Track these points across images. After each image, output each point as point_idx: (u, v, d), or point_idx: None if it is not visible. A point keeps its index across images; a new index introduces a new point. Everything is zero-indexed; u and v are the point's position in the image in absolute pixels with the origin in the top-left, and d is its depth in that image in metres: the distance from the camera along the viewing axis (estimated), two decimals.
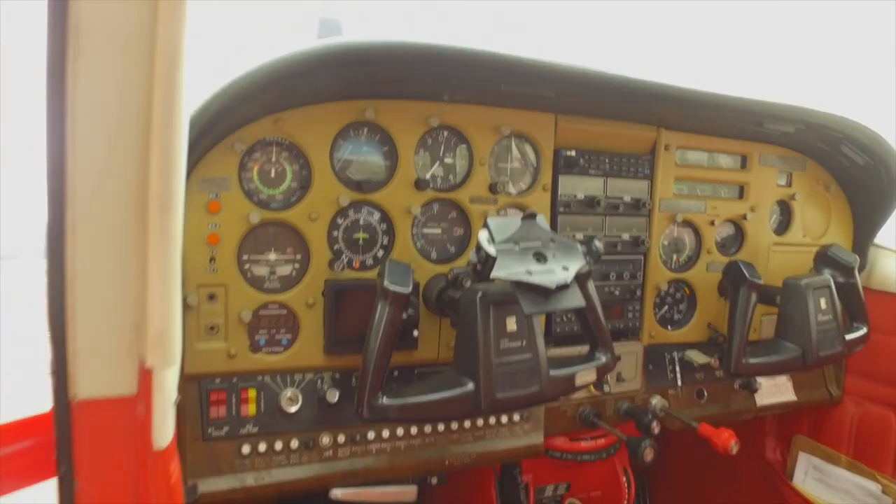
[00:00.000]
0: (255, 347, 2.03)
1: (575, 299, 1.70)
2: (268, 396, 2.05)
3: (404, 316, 1.81)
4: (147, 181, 0.96)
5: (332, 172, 2.07)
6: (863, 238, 3.09)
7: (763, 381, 2.92)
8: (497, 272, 1.64)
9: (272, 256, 2.05)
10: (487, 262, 1.61)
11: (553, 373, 1.90)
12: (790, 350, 2.46)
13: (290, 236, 2.06)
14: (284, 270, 2.07)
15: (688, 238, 2.79)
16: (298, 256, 2.08)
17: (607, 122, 2.49)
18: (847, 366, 3.13)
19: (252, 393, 2.02)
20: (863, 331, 2.67)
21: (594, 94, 2.25)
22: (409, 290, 1.77)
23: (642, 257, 2.64)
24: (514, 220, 1.79)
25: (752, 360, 2.40)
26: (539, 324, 1.91)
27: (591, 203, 2.47)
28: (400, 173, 2.16)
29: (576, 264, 1.74)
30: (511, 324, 1.84)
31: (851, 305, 2.69)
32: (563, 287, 1.65)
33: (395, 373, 2.21)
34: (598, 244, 1.82)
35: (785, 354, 2.45)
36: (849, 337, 2.57)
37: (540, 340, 1.89)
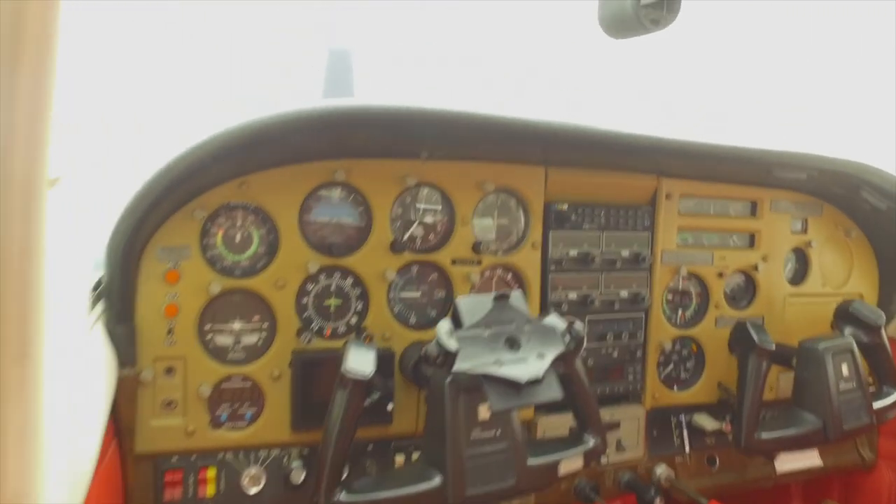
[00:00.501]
0: (216, 423, 1.90)
1: (551, 391, 1.55)
2: (229, 475, 1.92)
3: (369, 401, 1.68)
4: None
5: (301, 237, 1.95)
6: (889, 285, 2.87)
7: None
8: (460, 365, 1.49)
9: (237, 325, 1.94)
10: (448, 356, 1.48)
11: (533, 462, 1.74)
12: (809, 422, 2.25)
13: (257, 303, 1.95)
14: (250, 340, 1.96)
15: (694, 291, 2.61)
16: (265, 325, 1.96)
17: (603, 173, 2.34)
18: (880, 426, 2.89)
19: (212, 472, 1.90)
20: (894, 396, 2.44)
21: (585, 150, 2.10)
22: (369, 374, 1.63)
23: (643, 315, 2.47)
24: (486, 300, 1.64)
25: (766, 435, 2.20)
26: (515, 410, 1.75)
27: (585, 260, 2.31)
28: (374, 236, 2.03)
29: (553, 350, 1.59)
30: (484, 412, 1.68)
31: (879, 367, 2.47)
32: (538, 381, 1.50)
33: (370, 447, 2.07)
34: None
35: (803, 427, 2.24)
36: (878, 405, 2.35)
37: (516, 427, 1.73)
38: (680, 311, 2.59)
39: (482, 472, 1.66)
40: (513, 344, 1.57)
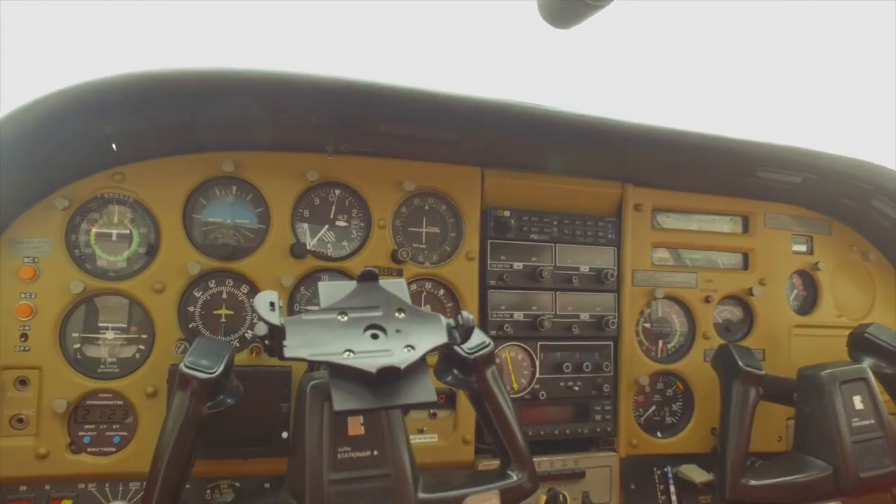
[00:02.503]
0: (77, 447, 1.64)
1: (422, 392, 1.22)
2: None
3: (215, 408, 1.38)
4: None
5: (185, 236, 1.73)
6: None
7: None
8: (291, 350, 1.19)
9: (110, 335, 1.69)
10: (276, 338, 1.17)
11: (425, 497, 1.39)
12: (815, 468, 1.81)
13: (136, 312, 1.71)
14: (126, 353, 1.71)
15: (677, 320, 2.23)
16: (144, 336, 1.71)
17: (554, 178, 2.04)
18: None
19: None
20: None
21: (512, 137, 1.83)
22: (214, 374, 1.35)
23: (611, 343, 2.10)
24: (352, 285, 1.36)
25: (756, 482, 1.76)
26: (401, 424, 1.42)
27: (533, 275, 1.99)
28: (271, 237, 1.79)
29: (428, 342, 1.27)
30: (355, 425, 1.36)
31: None
32: (396, 373, 1.18)
33: (267, 485, 1.74)
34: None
35: (807, 474, 1.79)
36: None
37: (402, 449, 1.39)
38: (661, 343, 2.21)
39: (353, 503, 1.32)
40: (378, 332, 1.27)
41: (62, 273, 1.64)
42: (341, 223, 1.89)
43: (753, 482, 1.75)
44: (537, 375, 2.00)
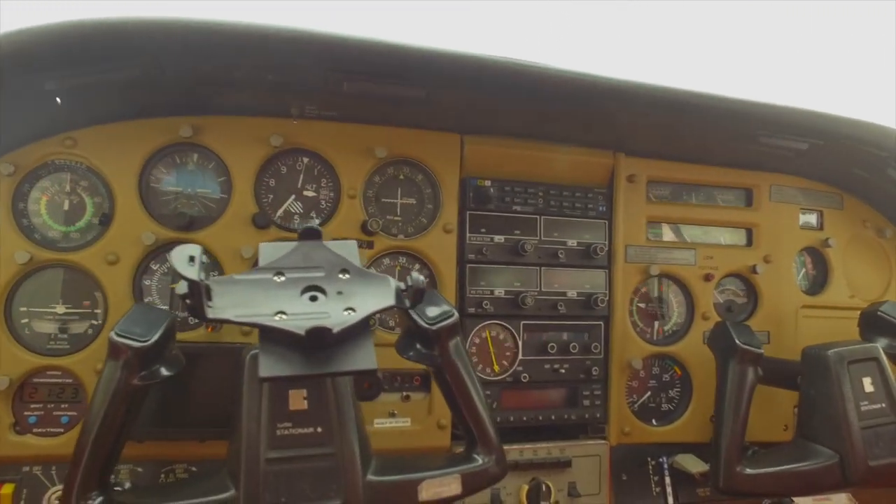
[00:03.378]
0: (22, 427, 1.55)
1: (361, 360, 1.11)
2: (31, 496, 1.54)
3: (148, 379, 1.28)
4: None
5: (142, 206, 1.63)
6: None
7: (800, 500, 2.06)
8: (215, 310, 1.08)
9: (60, 310, 1.60)
10: (193, 294, 1.06)
11: (374, 479, 1.27)
12: (819, 456, 1.66)
13: (89, 285, 1.61)
14: (77, 328, 1.61)
15: (675, 299, 2.09)
16: (98, 311, 1.62)
17: (539, 146, 1.91)
18: None
19: (7, 489, 1.52)
20: None
21: (489, 97, 1.70)
22: (146, 342, 1.24)
23: (602, 323, 1.96)
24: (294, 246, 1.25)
25: (752, 471, 1.62)
26: (350, 399, 1.31)
27: (515, 249, 1.86)
28: (233, 207, 1.68)
29: (372, 304, 1.16)
30: (297, 399, 1.25)
31: None
32: (329, 336, 1.06)
33: None
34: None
35: (810, 463, 1.64)
36: None
37: (349, 424, 1.28)
38: (657, 324, 2.07)
39: (291, 485, 1.21)
40: (316, 294, 1.15)
41: (7, 243, 1.55)
42: (309, 193, 1.78)
43: (750, 470, 1.61)
44: (520, 357, 1.87)
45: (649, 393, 2.05)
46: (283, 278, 1.16)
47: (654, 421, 2.03)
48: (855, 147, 1.95)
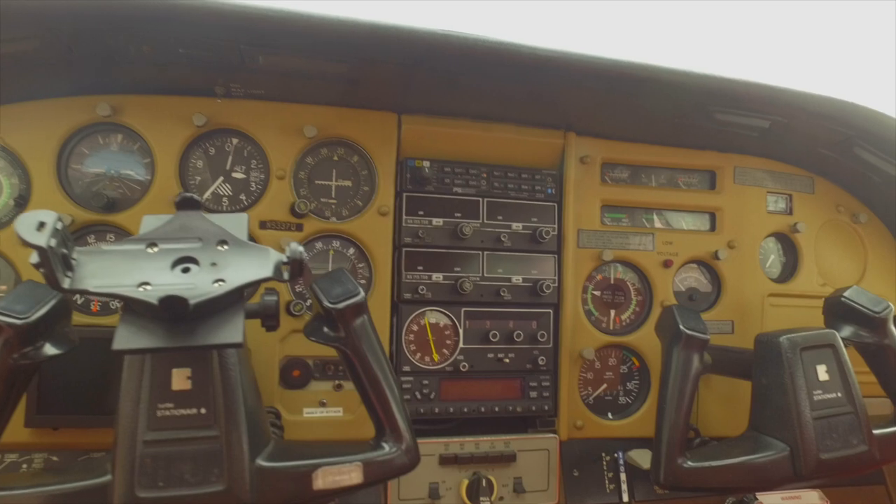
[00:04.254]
0: None
1: (226, 333, 1.04)
2: None
3: (36, 359, 1.22)
4: None
5: (60, 187, 1.58)
6: None
7: (769, 499, 1.95)
8: (74, 281, 1.02)
9: None
10: (44, 263, 1.00)
11: (265, 464, 1.19)
12: (769, 449, 1.54)
13: (3, 268, 1.57)
14: None
15: (633, 287, 1.99)
16: None
17: (484, 125, 1.83)
18: None
19: None
20: None
21: (417, 72, 1.62)
22: (26, 319, 1.18)
23: (551, 311, 1.87)
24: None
25: (694, 464, 1.51)
26: (240, 378, 1.23)
27: (455, 233, 1.78)
28: (155, 188, 1.63)
29: (245, 276, 1.09)
30: (181, 378, 1.18)
31: (891, 380, 1.72)
32: (184, 306, 0.99)
33: None
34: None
35: (758, 456, 1.53)
36: (881, 431, 1.60)
37: (237, 405, 1.20)
38: (613, 313, 1.97)
39: (170, 469, 1.14)
40: (189, 266, 1.09)
41: None
42: (238, 175, 1.72)
43: (691, 464, 1.50)
44: (461, 345, 1.79)
45: (605, 385, 1.95)
46: (155, 249, 1.10)
47: (610, 414, 1.94)
48: (818, 124, 1.83)
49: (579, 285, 1.90)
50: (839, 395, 1.56)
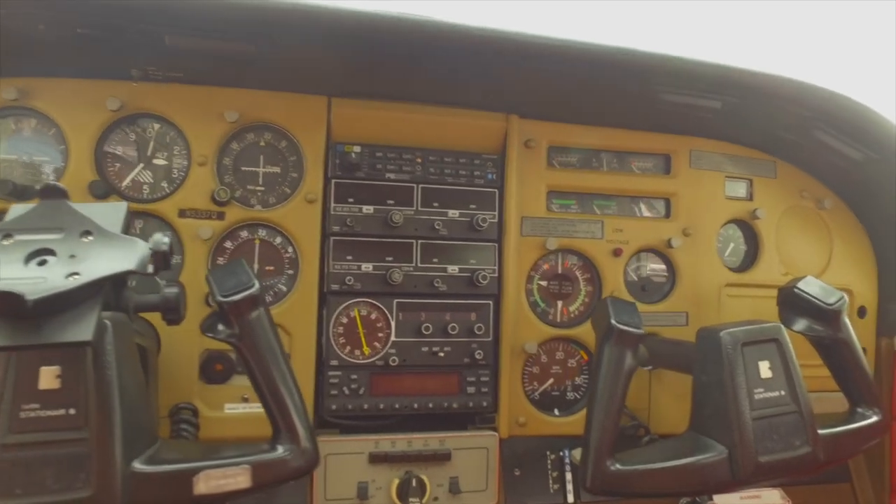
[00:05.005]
0: None
1: (74, 331, 0.97)
2: None
3: None
4: None
5: None
6: (890, 276, 1.99)
7: (726, 499, 1.86)
8: None
9: None
10: None
11: (140, 468, 1.12)
12: (707, 451, 1.45)
13: None
14: None
15: (581, 277, 1.90)
16: None
17: (419, 108, 1.75)
18: (893, 482, 1.96)
19: None
20: (870, 419, 1.58)
21: (353, 54, 1.54)
22: None
23: (490, 302, 1.79)
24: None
25: (623, 467, 1.42)
26: (115, 376, 1.16)
27: (387, 221, 1.70)
28: (69, 175, 1.57)
29: (103, 269, 1.02)
30: (49, 377, 1.11)
31: (845, 376, 1.62)
32: (19, 303, 0.93)
33: None
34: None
35: (693, 458, 1.44)
36: (827, 431, 1.50)
37: (111, 405, 1.13)
38: (560, 304, 1.88)
39: (31, 474, 1.07)
40: (46, 259, 1.02)
41: None
42: (160, 161, 1.65)
43: (619, 467, 1.41)
44: (392, 338, 1.71)
45: (552, 380, 1.87)
46: (10, 241, 1.03)
47: (556, 411, 1.86)
48: (775, 105, 1.73)
49: (523, 275, 1.82)
50: (782, 393, 1.47)
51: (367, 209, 1.71)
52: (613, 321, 1.46)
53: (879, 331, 2.01)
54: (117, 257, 1.04)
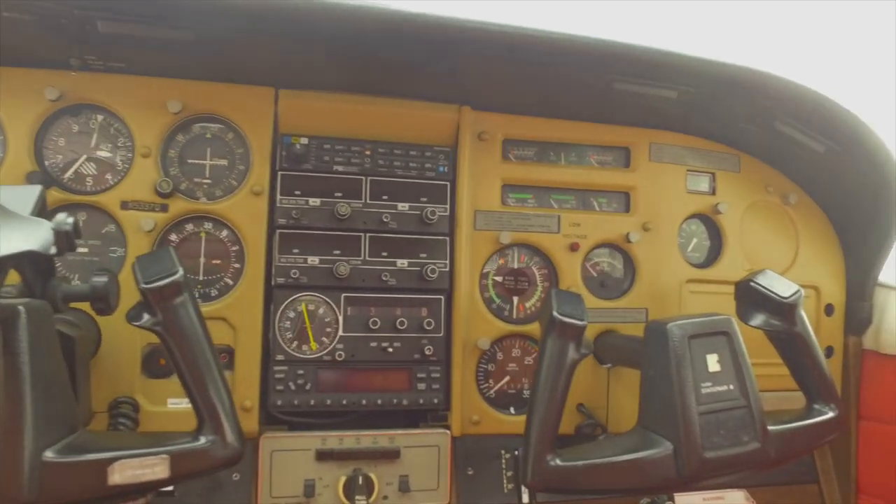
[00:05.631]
0: None
1: None
2: None
3: None
4: None
5: None
6: (858, 273, 1.94)
7: (688, 500, 1.81)
8: None
9: None
10: None
11: (51, 458, 1.09)
12: (653, 447, 1.41)
13: None
14: None
15: (538, 273, 1.86)
16: None
17: (368, 99, 1.72)
18: (859, 483, 1.91)
19: None
20: (826, 415, 1.54)
21: (298, 43, 1.52)
22: None
23: (442, 297, 1.75)
24: None
25: (563, 463, 1.38)
26: (28, 362, 1.13)
27: (334, 214, 1.67)
28: (6, 166, 1.55)
29: (2, 248, 1.00)
30: None
31: (801, 372, 1.57)
32: None
33: None
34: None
35: (637, 454, 1.40)
36: (778, 427, 1.46)
37: (21, 390, 1.10)
38: (516, 300, 1.84)
39: None
40: None
41: None
42: (104, 153, 1.63)
43: (560, 463, 1.37)
44: (340, 333, 1.68)
45: (508, 377, 1.83)
46: None
47: (512, 409, 1.81)
48: (736, 97, 1.69)
49: (476, 270, 1.78)
50: (731, 387, 1.42)
51: (314, 202, 1.68)
52: (555, 313, 1.42)
53: (847, 329, 1.96)
54: (18, 238, 1.02)
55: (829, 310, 1.96)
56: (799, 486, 1.93)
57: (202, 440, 1.19)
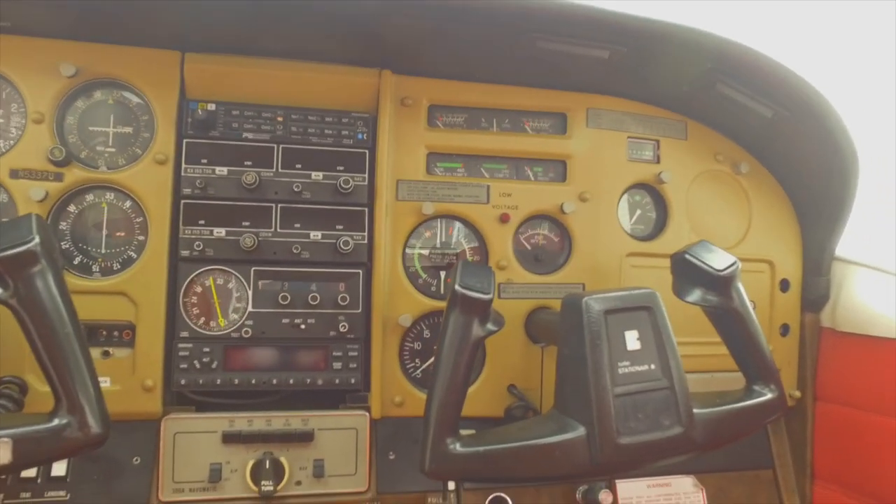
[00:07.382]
0: None
1: None
2: None
3: None
4: None
5: None
6: (815, 247, 1.81)
7: (630, 487, 1.71)
8: None
9: None
10: None
11: None
12: (564, 431, 1.30)
13: None
14: None
15: (467, 246, 1.76)
16: None
17: (281, 63, 1.63)
18: (815, 468, 1.78)
19: None
20: (763, 396, 1.42)
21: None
22: None
23: (360, 272, 1.65)
24: None
25: (464, 449, 1.28)
26: None
27: (240, 184, 1.58)
28: None
29: None
30: None
31: (739, 350, 1.45)
32: None
33: None
34: None
35: (545, 440, 1.29)
36: (706, 410, 1.34)
37: None
38: (443, 275, 1.74)
39: None
40: None
41: None
42: None
43: (460, 448, 1.27)
44: (249, 309, 1.59)
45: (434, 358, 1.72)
46: None
47: None
48: (673, 57, 1.57)
49: (399, 243, 1.68)
50: (652, 367, 1.31)
51: (221, 171, 1.59)
52: (457, 286, 1.32)
53: (804, 306, 1.83)
54: None
55: (784, 285, 1.83)
56: (752, 471, 1.82)
57: (54, 422, 1.11)
